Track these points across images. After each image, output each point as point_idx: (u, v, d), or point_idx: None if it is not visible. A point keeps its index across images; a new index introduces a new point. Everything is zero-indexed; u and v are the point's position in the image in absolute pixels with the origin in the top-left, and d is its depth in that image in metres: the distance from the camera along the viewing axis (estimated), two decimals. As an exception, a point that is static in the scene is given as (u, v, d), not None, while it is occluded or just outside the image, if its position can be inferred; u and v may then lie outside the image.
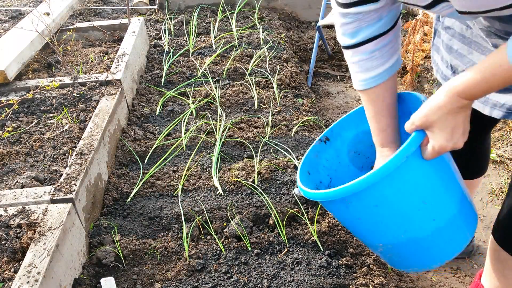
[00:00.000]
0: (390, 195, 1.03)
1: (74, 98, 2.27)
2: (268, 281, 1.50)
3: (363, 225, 1.14)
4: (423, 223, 1.08)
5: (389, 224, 1.09)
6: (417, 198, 1.05)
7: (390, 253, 1.17)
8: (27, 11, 3.60)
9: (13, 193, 1.62)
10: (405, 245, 1.13)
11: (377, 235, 1.14)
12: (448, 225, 1.10)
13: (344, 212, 1.13)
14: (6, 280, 1.34)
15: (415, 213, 1.06)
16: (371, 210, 1.06)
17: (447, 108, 0.94)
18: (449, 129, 0.96)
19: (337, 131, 1.33)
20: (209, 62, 2.86)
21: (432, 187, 1.06)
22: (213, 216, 1.75)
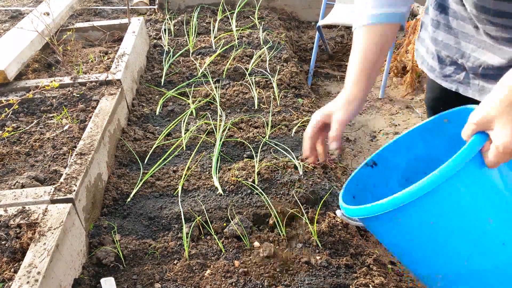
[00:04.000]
0: (446, 209, 0.87)
1: (74, 98, 2.27)
2: (268, 281, 1.50)
3: (416, 249, 0.97)
4: (489, 249, 0.90)
5: (447, 248, 0.92)
6: (480, 216, 0.87)
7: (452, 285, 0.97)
8: (27, 11, 3.60)
9: (13, 193, 1.62)
10: (468, 278, 0.94)
11: (433, 262, 0.96)
12: None
13: (390, 231, 0.97)
14: (6, 280, 1.34)
15: (479, 235, 0.88)
16: (423, 227, 0.90)
17: (508, 100, 0.83)
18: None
19: (385, 156, 1.18)
20: (209, 62, 2.86)
21: (499, 201, 0.88)
22: (213, 216, 1.75)
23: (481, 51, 1.11)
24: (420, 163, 1.13)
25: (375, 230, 1.02)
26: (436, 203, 0.86)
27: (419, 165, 1.13)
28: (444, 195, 0.85)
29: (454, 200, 0.86)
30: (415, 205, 0.86)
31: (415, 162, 1.14)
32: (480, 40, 1.11)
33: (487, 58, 1.12)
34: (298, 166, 1.95)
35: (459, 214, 0.87)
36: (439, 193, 0.84)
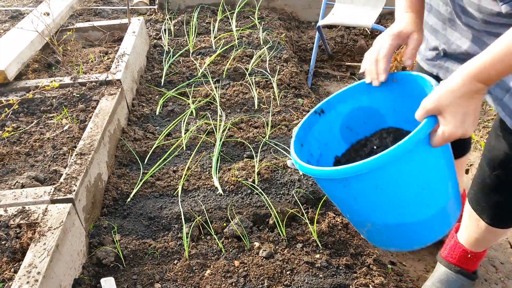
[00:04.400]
0: (392, 179, 1.02)
1: (74, 98, 2.27)
2: (268, 281, 1.50)
3: (356, 205, 1.13)
4: (417, 209, 1.09)
5: (384, 206, 1.09)
6: (417, 184, 1.05)
7: (376, 232, 1.18)
8: (27, 11, 3.60)
9: (13, 193, 1.62)
10: (394, 228, 1.13)
11: (369, 215, 1.14)
12: (438, 212, 1.12)
13: (339, 191, 1.12)
14: (6, 280, 1.34)
15: (412, 198, 1.07)
16: (370, 191, 1.05)
17: (461, 91, 0.93)
18: (461, 115, 0.94)
19: (333, 104, 1.30)
20: (209, 62, 2.86)
21: (433, 174, 1.06)
22: (213, 216, 1.75)
23: (464, 41, 1.16)
24: (361, 113, 1.25)
25: (323, 186, 1.17)
26: (384, 174, 1.00)
27: (360, 115, 1.26)
28: (393, 167, 0.99)
29: (399, 171, 1.00)
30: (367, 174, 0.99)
31: (358, 111, 1.26)
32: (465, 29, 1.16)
33: (468, 47, 1.17)
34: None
35: (400, 181, 1.03)
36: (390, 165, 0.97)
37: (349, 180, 1.03)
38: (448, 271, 1.68)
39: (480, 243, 1.58)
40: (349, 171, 0.99)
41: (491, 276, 1.83)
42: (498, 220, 1.42)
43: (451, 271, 1.67)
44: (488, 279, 1.82)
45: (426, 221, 1.12)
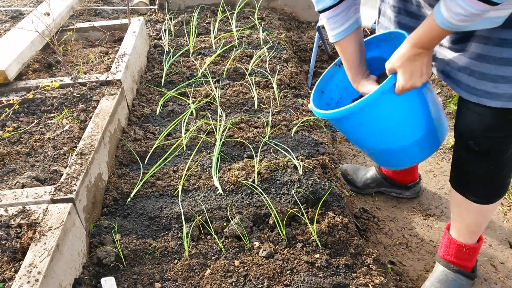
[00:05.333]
0: (371, 118, 1.42)
1: (75, 98, 2.27)
2: (268, 281, 1.50)
3: (353, 136, 1.55)
4: (395, 138, 1.47)
5: (371, 137, 1.50)
6: (391, 120, 1.42)
7: (373, 155, 1.61)
8: (27, 11, 3.60)
9: (13, 193, 1.63)
10: (383, 152, 1.55)
11: (363, 143, 1.56)
12: (414, 142, 1.48)
13: (340, 126, 1.54)
14: (7, 280, 1.35)
15: (389, 130, 1.46)
16: (357, 127, 1.48)
17: (406, 56, 1.27)
18: (408, 72, 1.28)
19: None
20: (209, 62, 2.86)
21: (401, 113, 1.42)
22: (213, 216, 1.75)
23: None
24: (374, 62, 1.56)
25: (333, 124, 1.59)
26: (363, 115, 1.40)
27: (373, 63, 1.57)
28: (371, 110, 1.38)
29: (375, 112, 1.40)
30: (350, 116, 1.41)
31: (370, 60, 1.57)
32: None
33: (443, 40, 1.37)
34: (298, 166, 1.96)
35: (377, 120, 1.43)
36: (370, 107, 1.37)
37: (341, 119, 1.46)
38: (446, 270, 1.68)
39: (472, 231, 1.62)
40: (337, 114, 1.42)
41: (490, 276, 1.83)
42: (481, 194, 1.53)
43: (449, 271, 1.68)
44: (488, 278, 1.82)
45: (407, 148, 1.49)
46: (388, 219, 2.12)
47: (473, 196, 1.52)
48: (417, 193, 2.22)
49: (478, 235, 1.66)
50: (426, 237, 2.02)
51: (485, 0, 1.03)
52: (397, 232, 2.05)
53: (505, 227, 2.05)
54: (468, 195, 1.53)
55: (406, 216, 2.13)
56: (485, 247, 1.96)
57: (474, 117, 1.37)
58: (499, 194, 1.53)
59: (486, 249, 1.95)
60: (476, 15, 1.08)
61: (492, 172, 1.46)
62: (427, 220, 2.11)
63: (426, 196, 2.24)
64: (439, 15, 1.14)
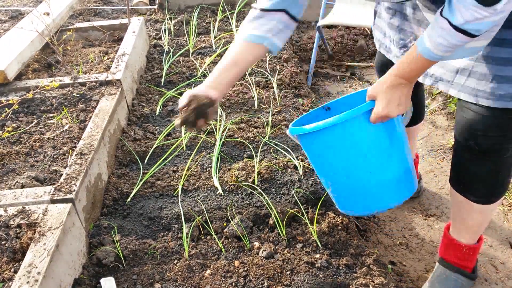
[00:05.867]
0: (340, 140, 1.35)
1: (74, 98, 2.27)
2: (268, 281, 1.50)
3: (319, 162, 1.48)
4: (361, 173, 1.40)
5: (337, 165, 1.42)
6: (359, 150, 1.36)
7: (335, 192, 1.51)
8: (27, 11, 3.60)
9: (13, 193, 1.62)
10: (347, 188, 1.46)
11: (328, 173, 1.48)
12: (380, 182, 1.40)
13: (308, 148, 1.47)
14: (6, 280, 1.34)
15: (356, 162, 1.38)
16: (325, 150, 1.40)
17: (387, 84, 1.28)
18: (386, 100, 1.28)
19: (338, 104, 1.60)
20: (209, 62, 2.86)
21: (373, 145, 1.36)
22: (213, 216, 1.75)
23: None
24: None
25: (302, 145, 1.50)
26: (332, 135, 1.35)
27: None
28: (343, 130, 1.33)
29: (344, 136, 1.34)
30: (320, 133, 1.35)
31: None
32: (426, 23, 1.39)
33: None
34: (298, 166, 1.95)
35: (346, 146, 1.36)
36: (340, 127, 1.32)
37: (313, 138, 1.39)
38: (447, 271, 1.68)
39: (472, 231, 1.62)
40: (309, 129, 1.36)
41: (491, 276, 1.83)
42: (481, 194, 1.51)
43: (450, 271, 1.68)
44: (488, 279, 1.82)
45: (371, 187, 1.41)
46: (388, 219, 2.12)
47: (474, 196, 1.52)
48: (417, 193, 2.22)
49: (479, 235, 1.65)
50: (427, 237, 2.02)
51: (464, 32, 1.08)
52: (397, 232, 2.05)
53: (506, 227, 2.05)
54: (468, 195, 1.53)
55: (406, 216, 2.13)
56: (486, 248, 1.96)
57: (474, 117, 1.37)
58: (499, 194, 1.52)
59: (486, 250, 1.95)
60: (457, 46, 1.13)
61: (492, 172, 1.46)
62: (428, 220, 2.10)
63: (427, 196, 2.24)
64: (422, 46, 1.18)
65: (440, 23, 1.11)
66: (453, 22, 1.08)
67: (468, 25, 1.06)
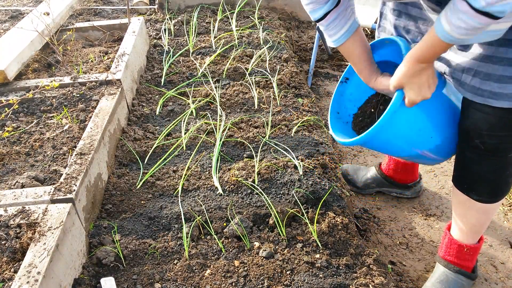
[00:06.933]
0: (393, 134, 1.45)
1: (74, 98, 2.27)
2: (268, 281, 1.50)
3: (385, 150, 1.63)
4: (424, 141, 1.52)
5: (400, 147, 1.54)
6: (415, 128, 1.48)
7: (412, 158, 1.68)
8: (27, 11, 3.60)
9: (13, 193, 1.62)
10: (419, 156, 1.58)
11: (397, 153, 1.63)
12: (440, 143, 1.53)
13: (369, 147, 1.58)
14: (6, 280, 1.34)
15: (415, 137, 1.51)
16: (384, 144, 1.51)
17: (410, 72, 1.30)
18: (416, 87, 1.31)
19: (351, 70, 1.67)
20: (209, 62, 2.86)
21: (421, 122, 1.47)
22: (213, 216, 1.75)
23: None
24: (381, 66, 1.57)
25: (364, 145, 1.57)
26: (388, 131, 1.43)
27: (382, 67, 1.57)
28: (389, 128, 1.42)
29: (396, 128, 1.44)
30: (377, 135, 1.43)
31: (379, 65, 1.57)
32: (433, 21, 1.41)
33: None
34: (298, 166, 1.95)
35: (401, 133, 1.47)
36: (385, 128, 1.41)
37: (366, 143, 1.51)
38: (447, 271, 1.68)
39: (474, 231, 1.62)
40: (359, 141, 1.48)
41: (491, 276, 1.83)
42: (485, 193, 1.52)
43: (450, 271, 1.68)
44: (488, 279, 1.82)
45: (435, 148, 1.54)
46: (388, 219, 2.12)
47: (477, 195, 1.52)
48: (417, 192, 2.21)
49: (480, 235, 1.65)
50: (427, 237, 2.02)
51: (487, 14, 1.03)
52: (397, 232, 2.05)
53: (506, 227, 2.05)
54: (471, 194, 1.53)
55: (406, 216, 2.13)
56: (486, 247, 1.96)
57: (480, 117, 1.37)
58: (502, 193, 1.52)
59: (486, 249, 1.95)
60: (477, 29, 1.08)
61: (496, 171, 1.46)
62: (428, 220, 2.10)
63: (427, 196, 2.24)
64: (440, 29, 1.15)
65: (459, 5, 1.05)
66: (474, 5, 1.02)
67: (491, 8, 1.01)
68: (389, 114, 1.37)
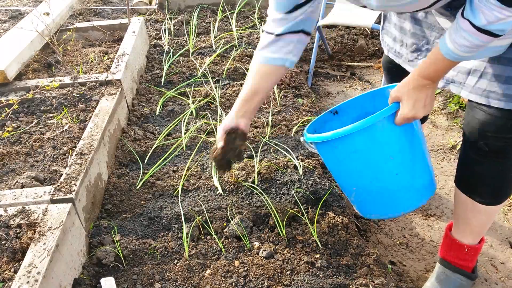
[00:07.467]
0: (366, 145, 1.34)
1: (74, 98, 2.27)
2: (268, 281, 1.50)
3: (343, 168, 1.45)
4: (388, 175, 1.39)
5: (363, 169, 1.40)
6: (386, 152, 1.35)
7: (360, 197, 1.48)
8: (27, 11, 3.60)
9: (13, 193, 1.62)
10: (372, 192, 1.44)
11: (353, 178, 1.45)
12: (406, 184, 1.41)
13: (330, 155, 1.44)
14: (6, 280, 1.34)
15: (383, 164, 1.37)
16: (350, 155, 1.37)
17: (412, 85, 1.27)
18: (412, 101, 1.27)
19: (345, 108, 1.63)
20: (209, 62, 2.86)
21: (399, 147, 1.36)
22: (213, 216, 1.75)
23: None
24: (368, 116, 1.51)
25: (321, 153, 1.49)
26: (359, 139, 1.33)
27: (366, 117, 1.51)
28: (369, 134, 1.31)
29: (372, 139, 1.33)
30: (345, 138, 1.33)
31: (365, 115, 1.49)
32: (441, 28, 1.41)
33: None
34: (298, 166, 1.95)
35: (372, 149, 1.35)
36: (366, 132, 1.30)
37: (335, 144, 1.37)
38: (447, 271, 1.68)
39: (476, 232, 1.61)
40: (335, 135, 1.33)
41: (491, 276, 1.83)
42: (488, 195, 1.50)
43: (450, 271, 1.68)
44: (488, 279, 1.82)
45: (398, 190, 1.42)
46: (388, 219, 2.12)
47: (480, 197, 1.51)
48: None
49: (481, 235, 1.65)
50: (427, 237, 2.02)
51: (488, 32, 1.07)
52: (397, 232, 2.05)
53: (506, 227, 2.05)
54: (474, 196, 1.51)
55: (406, 216, 2.13)
56: (486, 247, 1.96)
57: (486, 119, 1.36)
58: (505, 194, 1.51)
59: (486, 249, 1.95)
60: (480, 46, 1.12)
61: (500, 173, 1.45)
62: (428, 220, 2.10)
63: (427, 196, 2.24)
64: (444, 47, 1.17)
65: (461, 24, 1.10)
66: (476, 24, 1.06)
67: (492, 26, 1.05)
68: (377, 117, 1.28)
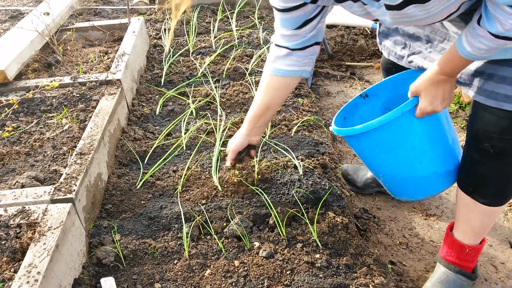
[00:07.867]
0: (388, 138, 1.43)
1: (74, 98, 2.26)
2: (268, 281, 1.50)
3: (370, 158, 1.57)
4: (411, 164, 1.48)
5: (387, 160, 1.51)
6: (408, 144, 1.44)
7: (388, 182, 1.62)
8: (27, 11, 3.60)
9: (13, 193, 1.62)
10: (398, 178, 1.56)
11: (379, 167, 1.58)
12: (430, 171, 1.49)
13: (356, 146, 1.57)
14: (6, 280, 1.34)
15: (406, 155, 1.46)
16: (373, 147, 1.48)
17: (431, 80, 1.31)
18: (431, 97, 1.32)
19: (375, 91, 1.69)
20: (209, 62, 2.86)
21: (420, 139, 1.44)
22: (213, 216, 1.75)
23: (446, 42, 1.46)
24: (399, 98, 1.56)
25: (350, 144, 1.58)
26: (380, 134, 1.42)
27: (398, 99, 1.57)
28: (389, 129, 1.40)
29: (392, 133, 1.42)
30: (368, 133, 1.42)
31: (395, 97, 1.60)
32: (445, 32, 1.45)
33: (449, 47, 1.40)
34: (298, 166, 1.95)
35: (393, 142, 1.44)
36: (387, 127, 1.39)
37: (359, 137, 1.47)
38: (447, 271, 1.68)
39: (477, 233, 1.61)
40: (357, 130, 1.43)
41: (491, 276, 1.83)
42: (491, 196, 1.50)
43: (450, 271, 1.67)
44: (488, 279, 1.82)
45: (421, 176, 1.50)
46: (388, 219, 2.12)
47: (483, 198, 1.50)
48: None
49: (483, 236, 1.64)
50: (427, 237, 2.02)
51: (505, 38, 1.09)
52: (397, 232, 2.05)
53: (506, 227, 2.05)
54: (477, 197, 1.51)
55: (406, 216, 2.13)
56: (486, 247, 1.96)
57: (492, 120, 1.35)
58: (508, 195, 1.51)
59: (486, 249, 1.95)
60: (497, 48, 1.15)
61: (503, 174, 1.44)
62: (428, 220, 2.10)
63: (427, 196, 2.24)
64: (461, 48, 1.20)
65: (478, 31, 1.12)
66: (492, 32, 1.09)
67: (509, 33, 1.07)
68: (396, 113, 1.36)
